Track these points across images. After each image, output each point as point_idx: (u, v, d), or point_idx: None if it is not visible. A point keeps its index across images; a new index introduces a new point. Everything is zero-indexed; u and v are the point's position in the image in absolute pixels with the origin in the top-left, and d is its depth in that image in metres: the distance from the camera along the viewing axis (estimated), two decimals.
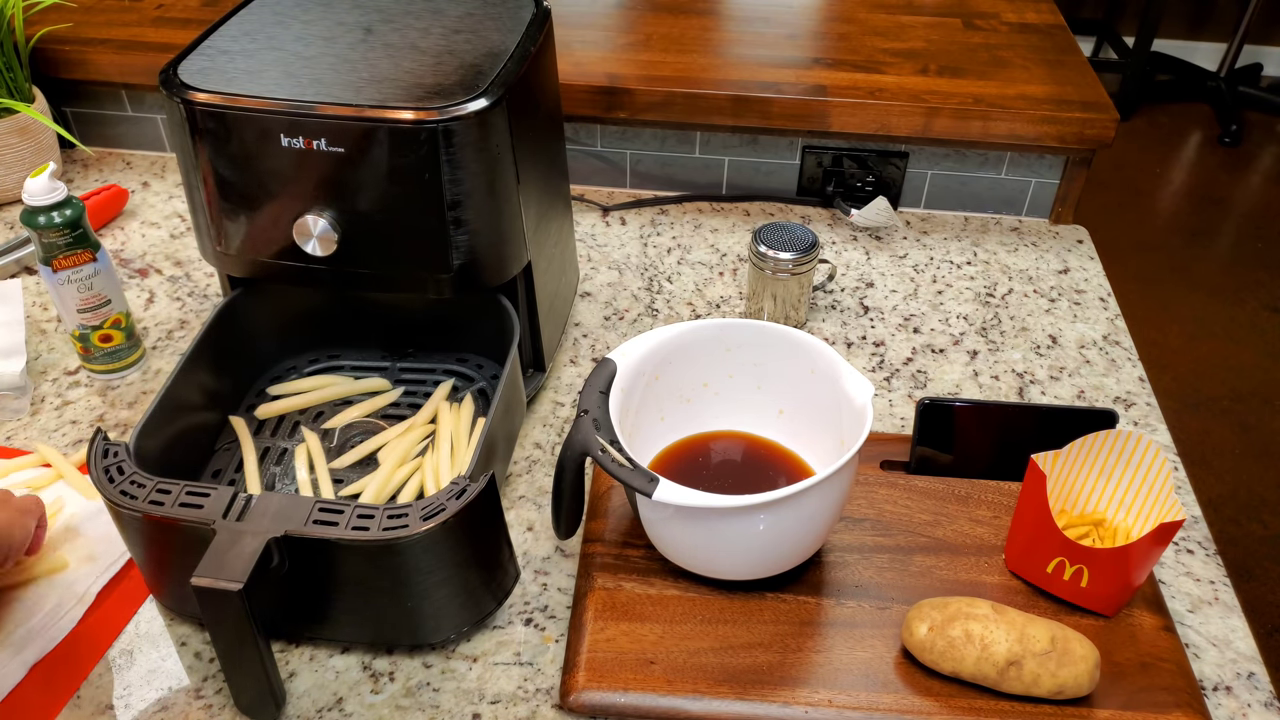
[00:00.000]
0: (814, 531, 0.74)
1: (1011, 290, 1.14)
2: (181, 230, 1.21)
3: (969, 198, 1.27)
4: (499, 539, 0.72)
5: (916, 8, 1.41)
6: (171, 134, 1.14)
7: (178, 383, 0.81)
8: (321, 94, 0.77)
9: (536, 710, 0.72)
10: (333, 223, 0.79)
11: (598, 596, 0.76)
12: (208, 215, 0.83)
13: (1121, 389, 1.01)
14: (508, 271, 0.85)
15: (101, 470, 0.70)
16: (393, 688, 0.73)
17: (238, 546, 0.64)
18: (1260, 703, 0.73)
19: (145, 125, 1.35)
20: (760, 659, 0.73)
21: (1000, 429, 0.86)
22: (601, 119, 1.24)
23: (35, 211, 0.88)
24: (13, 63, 1.18)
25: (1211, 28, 3.73)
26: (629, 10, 1.39)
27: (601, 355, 1.03)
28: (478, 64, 0.80)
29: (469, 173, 0.77)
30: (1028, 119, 1.17)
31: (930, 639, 0.70)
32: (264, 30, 0.85)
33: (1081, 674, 0.68)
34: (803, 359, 0.81)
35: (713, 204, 1.28)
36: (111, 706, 0.72)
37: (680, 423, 0.85)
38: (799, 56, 1.27)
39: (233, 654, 0.66)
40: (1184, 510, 0.71)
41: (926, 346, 1.06)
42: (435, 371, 0.97)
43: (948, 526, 0.82)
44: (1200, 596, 0.81)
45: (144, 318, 1.07)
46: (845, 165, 1.25)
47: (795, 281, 1.03)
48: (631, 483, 0.69)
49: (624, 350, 0.79)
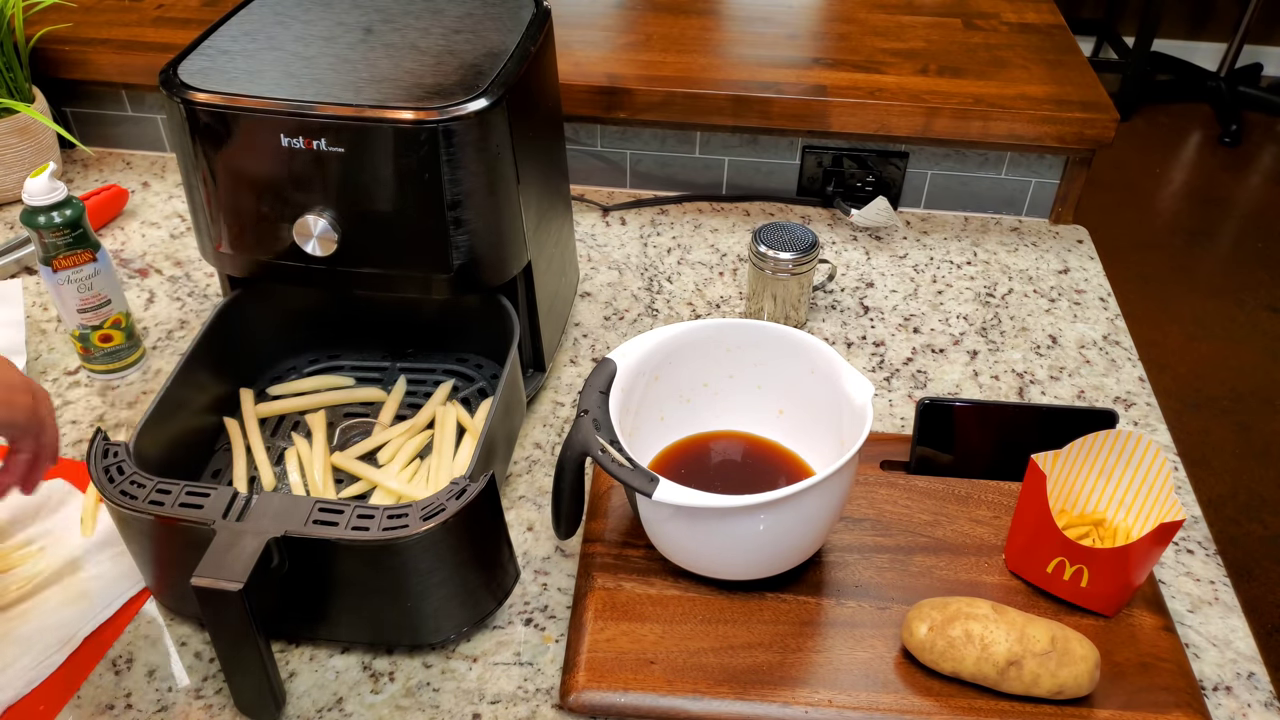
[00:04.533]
0: (814, 531, 0.74)
1: (1011, 290, 1.14)
2: (181, 230, 1.21)
3: (969, 198, 1.27)
4: (499, 539, 0.72)
5: (916, 8, 1.41)
6: (171, 134, 1.14)
7: (178, 383, 0.81)
8: (321, 94, 0.77)
9: (536, 710, 0.72)
10: (333, 223, 0.79)
11: (598, 596, 0.76)
12: (208, 215, 0.83)
13: (1121, 389, 1.01)
14: (508, 271, 0.85)
15: (101, 470, 0.70)
16: (393, 688, 0.73)
17: (238, 546, 0.64)
18: (1260, 703, 0.73)
19: (145, 125, 1.35)
20: (760, 659, 0.73)
21: (1000, 429, 0.86)
22: (601, 119, 1.24)
23: (35, 211, 0.88)
24: (13, 63, 1.18)
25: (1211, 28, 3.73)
26: (629, 10, 1.39)
27: (601, 355, 1.03)
28: (478, 64, 0.80)
29: (469, 173, 0.77)
30: (1028, 119, 1.17)
31: (930, 639, 0.70)
32: (264, 30, 0.85)
33: (1081, 674, 0.68)
34: (803, 359, 0.81)
35: (713, 204, 1.28)
36: (112, 706, 0.72)
37: (680, 423, 0.85)
38: (799, 56, 1.27)
39: (233, 654, 0.66)
40: (1184, 510, 0.72)
41: (926, 346, 1.06)
42: (435, 371, 0.97)
43: (948, 526, 0.82)
44: (1200, 596, 0.81)
45: (144, 318, 1.07)
46: (845, 165, 1.25)
47: (795, 281, 1.03)
48: (631, 483, 0.69)
49: (624, 350, 0.79)
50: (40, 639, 0.74)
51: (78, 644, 0.75)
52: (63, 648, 0.74)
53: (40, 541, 0.81)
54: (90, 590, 0.78)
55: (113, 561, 0.80)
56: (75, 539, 0.81)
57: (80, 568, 0.80)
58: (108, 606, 0.77)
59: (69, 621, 0.76)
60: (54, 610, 0.76)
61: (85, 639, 0.75)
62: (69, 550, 0.81)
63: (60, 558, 0.80)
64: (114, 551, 0.80)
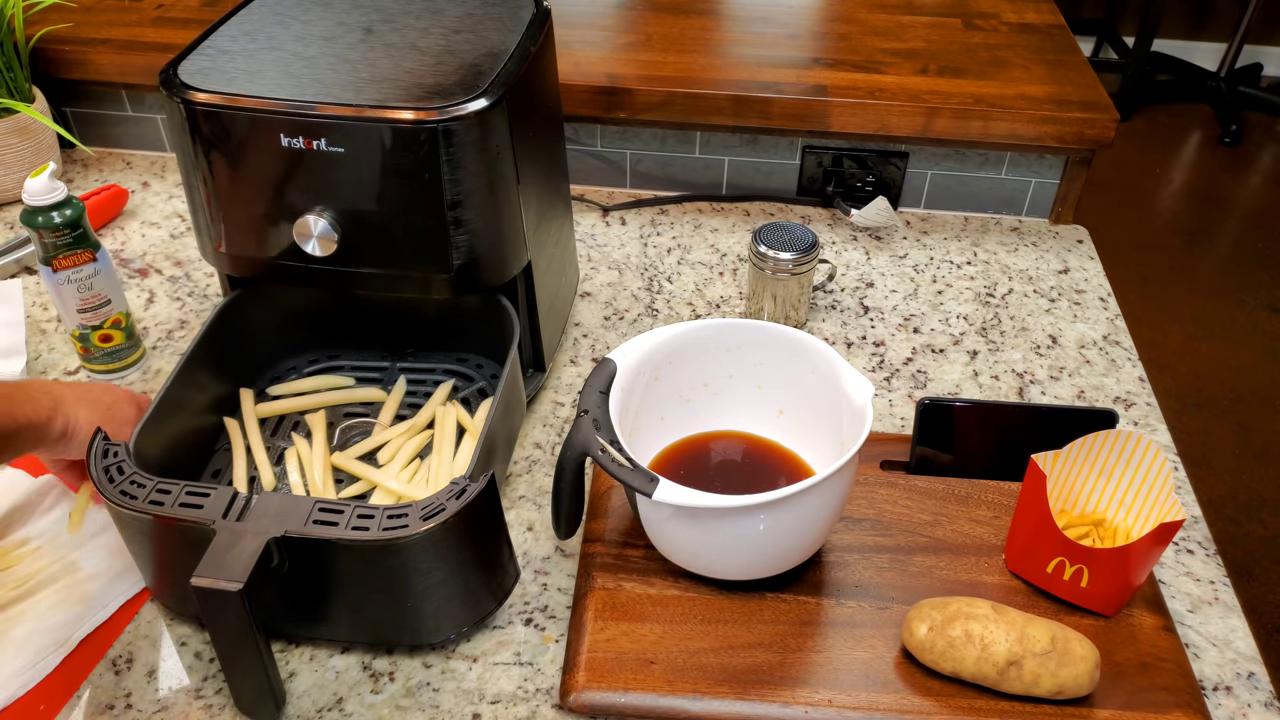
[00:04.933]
0: (814, 531, 0.74)
1: (1011, 290, 1.14)
2: (181, 230, 1.21)
3: (969, 198, 1.27)
4: (499, 539, 0.72)
5: (916, 8, 1.41)
6: (171, 134, 1.14)
7: (178, 383, 0.81)
8: (321, 94, 0.77)
9: (536, 710, 0.72)
10: (333, 223, 0.79)
11: (598, 596, 0.76)
12: (208, 215, 0.83)
13: (1121, 389, 1.01)
14: (508, 271, 0.85)
15: (101, 470, 0.70)
16: (393, 688, 0.73)
17: (238, 546, 0.64)
18: (1260, 703, 0.73)
19: (145, 125, 1.35)
20: (760, 659, 0.73)
21: (1000, 429, 0.86)
22: (601, 119, 1.24)
23: (35, 211, 0.88)
24: (13, 63, 1.18)
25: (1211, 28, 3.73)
26: (629, 10, 1.39)
27: (601, 355, 1.03)
28: (478, 64, 0.80)
29: (469, 173, 0.77)
30: (1028, 119, 1.17)
31: (930, 639, 0.70)
32: (264, 30, 0.85)
33: (1081, 674, 0.68)
34: (803, 359, 0.81)
35: (713, 204, 1.28)
36: (112, 706, 0.72)
37: (680, 423, 0.85)
38: (799, 56, 1.27)
39: (233, 654, 0.66)
40: (1184, 510, 0.71)
41: (926, 346, 1.06)
42: (435, 371, 0.97)
43: (948, 526, 0.82)
44: (1200, 596, 0.81)
45: (144, 318, 1.07)
46: (845, 165, 1.25)
47: (795, 281, 1.03)
48: (631, 483, 0.69)
49: (624, 350, 0.79)
50: (36, 641, 0.74)
51: (73, 646, 0.74)
52: (58, 649, 0.74)
53: (36, 541, 0.81)
54: (88, 592, 0.78)
55: (110, 562, 0.80)
56: (72, 538, 0.81)
57: (78, 568, 0.79)
58: (104, 608, 0.77)
59: (65, 623, 0.75)
60: (50, 612, 0.76)
61: (82, 640, 0.75)
62: (66, 550, 0.81)
63: (57, 558, 0.80)
64: (112, 552, 0.80)
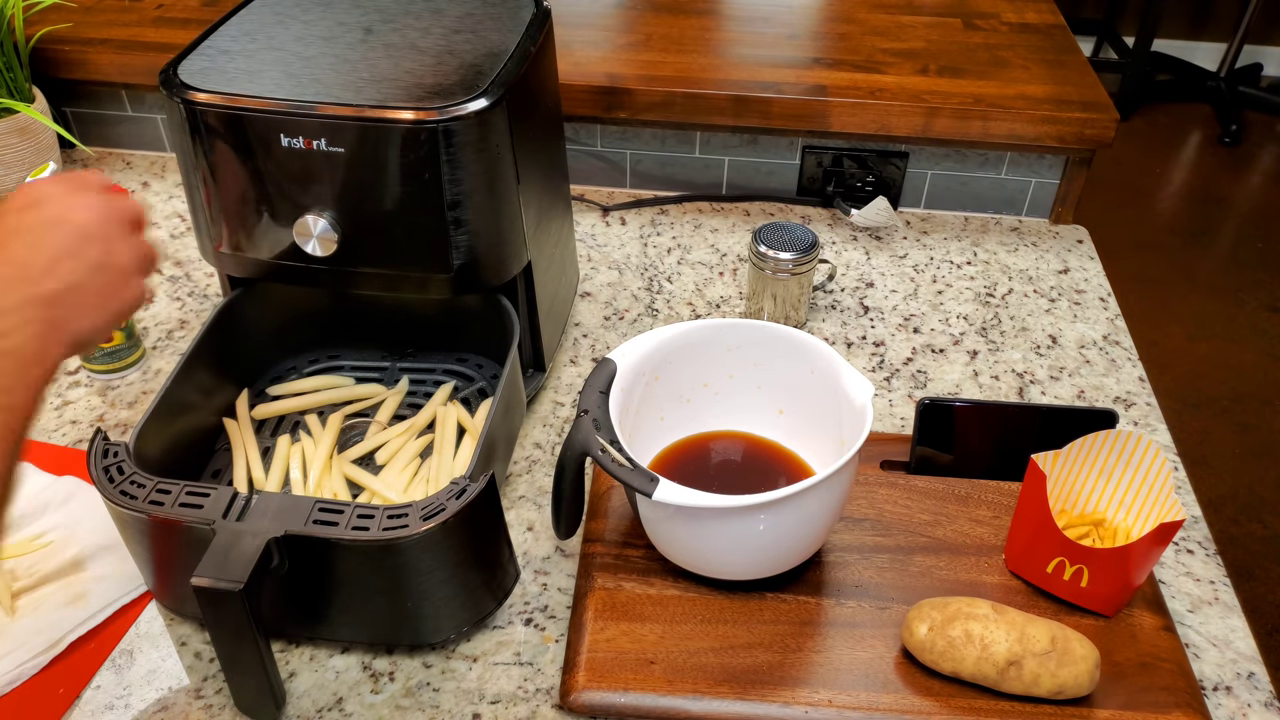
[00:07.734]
0: (814, 531, 0.74)
1: (1011, 290, 1.14)
2: (181, 230, 1.21)
3: (969, 198, 1.27)
4: (499, 539, 0.72)
5: (916, 8, 1.41)
6: (171, 134, 1.14)
7: (178, 383, 0.81)
8: (321, 94, 0.77)
9: (536, 710, 0.72)
10: (333, 223, 0.79)
11: (598, 596, 0.76)
12: (208, 215, 0.83)
13: (1121, 389, 1.01)
14: (508, 271, 0.85)
15: (101, 470, 0.70)
16: (393, 688, 0.73)
17: (238, 546, 0.64)
18: (1260, 703, 0.73)
19: (145, 125, 1.35)
20: (760, 659, 0.73)
21: (1000, 429, 0.86)
22: (601, 119, 1.24)
23: None
24: (13, 63, 1.18)
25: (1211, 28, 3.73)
26: (629, 10, 1.39)
27: (601, 355, 1.03)
28: (478, 64, 0.80)
29: (469, 173, 0.77)
30: (1028, 119, 1.17)
31: (930, 639, 0.70)
32: (264, 30, 0.85)
33: (1081, 674, 0.68)
34: (803, 359, 0.81)
35: (713, 204, 1.28)
36: (112, 706, 0.72)
37: (680, 423, 0.85)
38: (799, 56, 1.27)
39: (233, 654, 0.66)
40: (1184, 510, 0.71)
41: (926, 346, 1.06)
42: (435, 371, 0.97)
43: (948, 526, 0.82)
44: (1200, 596, 0.81)
45: (144, 318, 1.07)
46: (845, 165, 1.25)
47: (795, 281, 1.03)
48: (631, 483, 0.69)
49: (624, 350, 0.79)
50: (29, 639, 0.74)
51: (63, 647, 0.74)
52: (49, 649, 0.74)
53: (50, 535, 0.81)
54: (88, 592, 0.78)
55: (115, 564, 0.80)
56: (82, 536, 0.81)
57: (83, 567, 0.79)
58: (101, 611, 0.77)
59: (59, 623, 0.75)
60: (48, 610, 0.76)
61: (79, 639, 0.75)
62: (74, 548, 0.81)
63: (65, 555, 0.80)
64: (118, 555, 0.80)
